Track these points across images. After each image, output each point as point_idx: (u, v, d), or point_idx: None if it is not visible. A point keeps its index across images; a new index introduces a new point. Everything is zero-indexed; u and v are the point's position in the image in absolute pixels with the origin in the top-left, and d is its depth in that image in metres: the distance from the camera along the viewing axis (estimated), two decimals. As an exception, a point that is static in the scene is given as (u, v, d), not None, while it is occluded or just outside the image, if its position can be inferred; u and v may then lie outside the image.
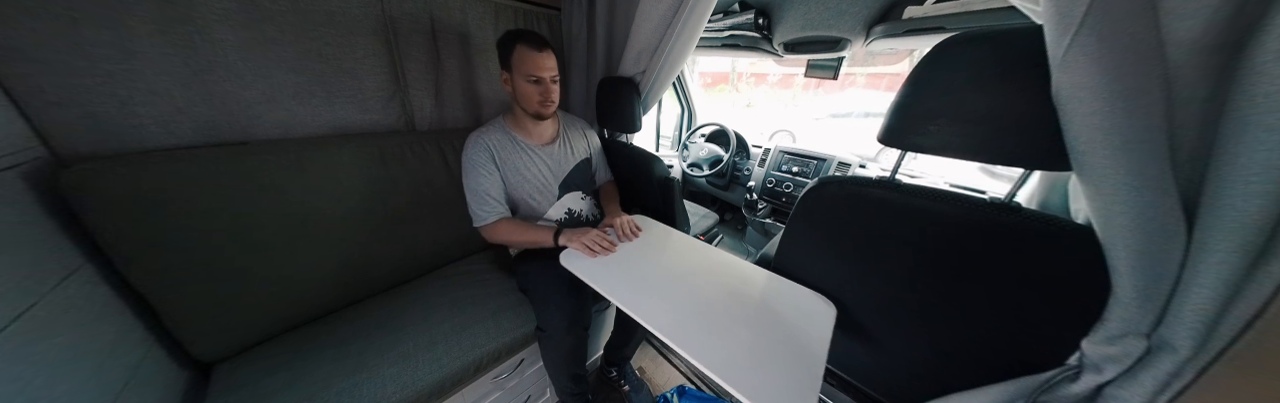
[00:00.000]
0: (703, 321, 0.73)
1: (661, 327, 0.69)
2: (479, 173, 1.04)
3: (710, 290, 0.82)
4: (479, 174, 1.04)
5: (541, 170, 1.12)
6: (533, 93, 1.00)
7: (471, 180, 1.05)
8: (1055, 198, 0.72)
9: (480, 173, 1.04)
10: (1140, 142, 0.41)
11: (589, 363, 1.35)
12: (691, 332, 0.69)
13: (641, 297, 0.78)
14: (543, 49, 0.97)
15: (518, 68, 0.98)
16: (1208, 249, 0.41)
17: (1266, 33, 0.35)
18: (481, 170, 1.04)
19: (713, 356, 0.64)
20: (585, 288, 0.98)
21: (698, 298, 0.79)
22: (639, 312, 0.73)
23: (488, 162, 1.05)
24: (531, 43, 0.96)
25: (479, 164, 1.04)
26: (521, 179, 1.10)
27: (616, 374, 1.35)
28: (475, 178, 1.04)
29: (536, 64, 0.97)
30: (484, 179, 1.05)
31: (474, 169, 1.04)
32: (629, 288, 0.81)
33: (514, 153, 1.09)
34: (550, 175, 1.14)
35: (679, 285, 0.84)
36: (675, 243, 1.04)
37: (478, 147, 1.05)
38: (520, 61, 0.96)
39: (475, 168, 1.04)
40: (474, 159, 1.04)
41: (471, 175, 1.05)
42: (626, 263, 0.92)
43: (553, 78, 1.01)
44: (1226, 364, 0.43)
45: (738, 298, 0.81)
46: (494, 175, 1.06)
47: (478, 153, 1.04)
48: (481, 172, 1.04)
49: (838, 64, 1.57)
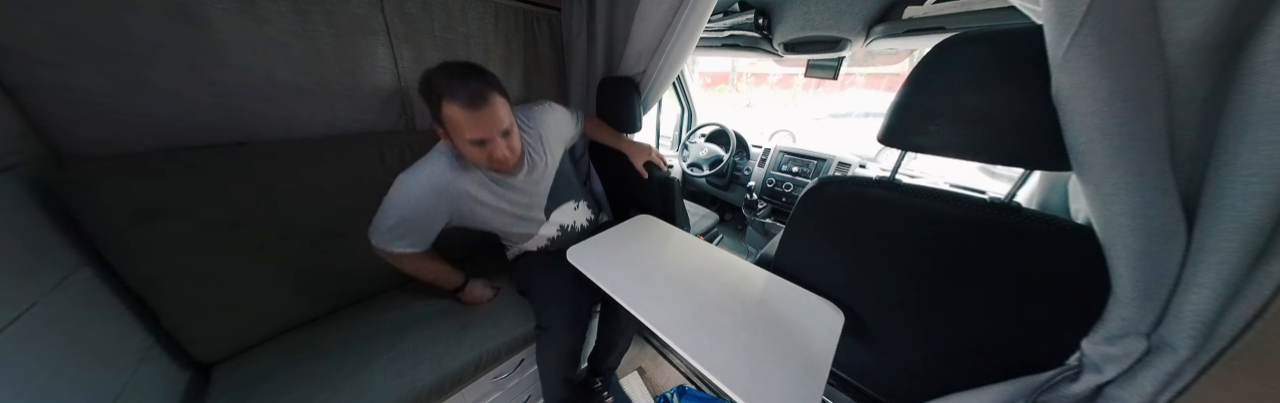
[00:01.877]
0: (704, 321, 0.73)
1: (662, 326, 0.69)
2: (416, 208, 0.86)
3: (713, 291, 0.82)
4: (414, 209, 0.86)
5: (517, 200, 0.99)
6: (478, 155, 0.81)
7: (400, 209, 0.86)
8: (1055, 198, 0.72)
9: (418, 209, 0.86)
10: (1140, 141, 0.41)
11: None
12: (692, 332, 0.69)
13: (644, 295, 0.78)
14: (480, 106, 0.73)
15: (452, 130, 0.77)
16: (1208, 249, 0.41)
17: (1266, 33, 0.35)
18: (419, 207, 0.86)
19: (713, 356, 0.64)
20: (584, 290, 0.98)
21: (700, 298, 0.79)
22: (641, 310, 0.73)
23: (436, 206, 0.87)
24: (462, 99, 0.71)
25: (421, 201, 0.85)
26: (494, 213, 0.97)
27: (601, 385, 1.27)
28: (406, 210, 0.86)
29: (475, 126, 0.75)
30: (419, 217, 0.87)
31: (411, 203, 0.85)
32: (632, 287, 0.81)
33: (479, 191, 0.92)
34: (529, 203, 1.02)
35: (682, 285, 0.84)
36: (679, 243, 1.04)
37: (430, 190, 0.85)
38: (453, 124, 0.75)
39: (414, 203, 0.85)
40: (418, 195, 0.85)
41: (401, 207, 0.85)
42: (630, 262, 0.92)
43: (504, 131, 0.79)
44: (1226, 364, 0.43)
45: (741, 300, 0.81)
46: (432, 216, 0.89)
47: (426, 197, 0.85)
48: (419, 208, 0.86)
49: (838, 64, 1.57)
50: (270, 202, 0.87)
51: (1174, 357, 0.46)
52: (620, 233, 1.05)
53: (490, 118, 0.75)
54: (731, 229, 2.62)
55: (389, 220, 0.86)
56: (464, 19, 1.19)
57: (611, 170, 1.45)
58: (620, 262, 0.91)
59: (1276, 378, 0.40)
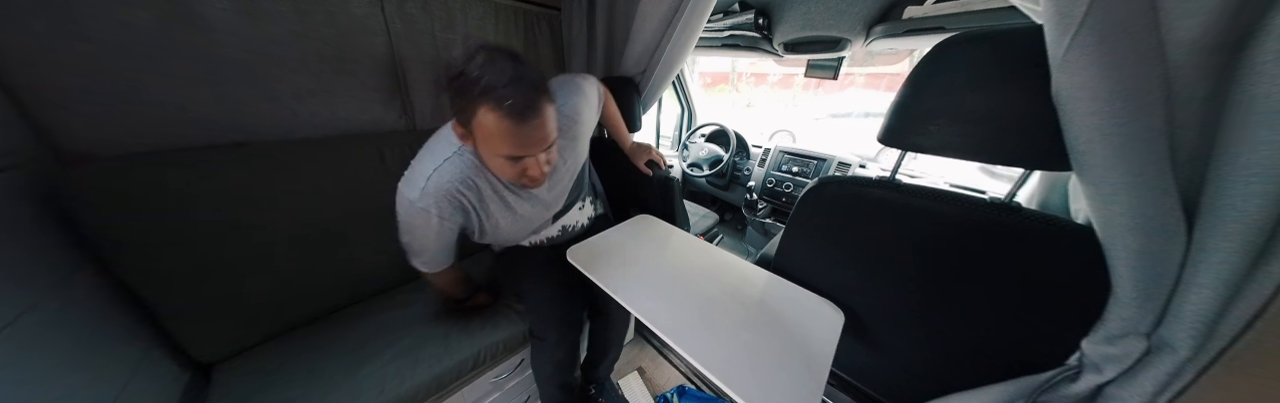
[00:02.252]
0: (705, 321, 0.73)
1: (663, 326, 0.69)
2: (445, 228, 0.76)
3: (713, 291, 0.82)
4: (444, 228, 0.77)
5: (530, 210, 0.89)
6: (509, 171, 0.68)
7: (408, 236, 0.78)
8: (1055, 198, 0.72)
9: (446, 227, 0.77)
10: (1140, 142, 0.41)
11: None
12: (693, 331, 0.69)
13: (644, 295, 0.78)
14: (529, 119, 0.58)
15: (483, 138, 0.61)
16: (1208, 249, 0.41)
17: (1266, 33, 0.35)
18: (447, 224, 0.76)
19: (713, 356, 0.64)
20: (577, 295, 0.97)
21: (701, 298, 0.79)
22: (641, 310, 0.73)
23: (444, 225, 0.76)
24: (508, 109, 0.56)
25: (428, 227, 0.75)
26: (498, 223, 0.85)
27: (595, 391, 1.22)
28: (414, 237, 0.78)
29: (517, 142, 0.61)
30: (433, 240, 0.78)
31: (419, 229, 0.76)
32: (632, 286, 0.81)
33: (490, 202, 0.80)
34: (542, 212, 0.93)
35: (682, 285, 0.84)
36: (678, 243, 1.04)
37: (434, 208, 0.72)
38: (486, 133, 0.60)
39: (422, 228, 0.75)
40: (424, 220, 0.73)
41: (409, 234, 0.77)
42: (630, 262, 0.92)
43: (546, 147, 0.66)
44: (1226, 364, 0.43)
45: (741, 300, 0.81)
46: (445, 236, 0.80)
47: (432, 219, 0.74)
48: (448, 226, 0.77)
49: (838, 64, 1.57)
50: (270, 202, 0.87)
51: (1174, 357, 0.46)
52: (620, 233, 1.05)
53: (538, 133, 0.61)
54: (731, 229, 2.62)
55: (411, 245, 0.80)
56: (464, 19, 1.19)
57: (611, 170, 1.45)
58: (620, 262, 0.91)
59: (1276, 378, 0.40)
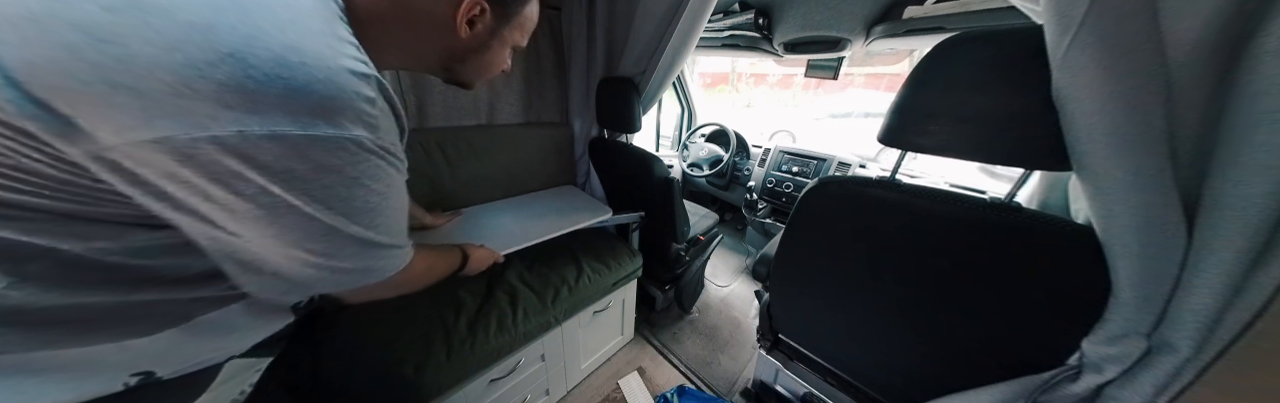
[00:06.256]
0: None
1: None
2: (401, 186, 0.50)
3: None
4: (402, 188, 0.50)
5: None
6: (506, 60, 0.69)
7: (395, 200, 0.48)
8: (1055, 198, 0.72)
9: (402, 186, 0.50)
10: (1140, 142, 0.41)
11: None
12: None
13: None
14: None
15: (513, 29, 0.62)
16: (1208, 249, 0.41)
17: (1266, 33, 0.35)
18: (401, 181, 0.50)
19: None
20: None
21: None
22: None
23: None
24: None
25: (400, 172, 0.49)
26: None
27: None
28: (398, 195, 0.49)
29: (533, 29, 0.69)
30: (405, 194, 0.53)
31: (397, 182, 0.48)
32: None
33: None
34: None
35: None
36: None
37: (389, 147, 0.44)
38: (525, 23, 0.65)
39: (398, 179, 0.48)
40: (394, 167, 0.46)
41: (395, 193, 0.47)
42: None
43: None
44: (1226, 364, 0.43)
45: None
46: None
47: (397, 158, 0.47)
48: (401, 184, 0.50)
49: (838, 64, 1.57)
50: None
51: (1174, 357, 0.46)
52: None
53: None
54: (731, 229, 2.62)
55: (396, 222, 0.52)
56: (464, 19, 1.19)
57: (611, 170, 1.45)
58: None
59: (1277, 378, 0.40)
